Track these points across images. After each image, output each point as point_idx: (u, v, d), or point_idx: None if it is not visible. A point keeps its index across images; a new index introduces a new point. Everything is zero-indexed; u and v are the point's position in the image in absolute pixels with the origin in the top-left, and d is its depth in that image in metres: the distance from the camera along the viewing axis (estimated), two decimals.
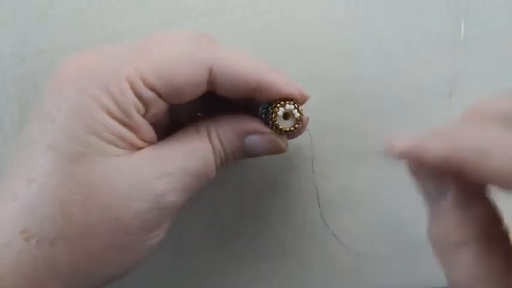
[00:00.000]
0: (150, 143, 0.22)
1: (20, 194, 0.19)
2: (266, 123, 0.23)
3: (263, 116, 0.23)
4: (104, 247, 0.20)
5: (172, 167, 0.21)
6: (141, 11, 0.28)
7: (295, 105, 0.23)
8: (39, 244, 0.19)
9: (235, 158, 0.24)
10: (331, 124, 0.28)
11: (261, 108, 0.24)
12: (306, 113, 0.24)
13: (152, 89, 0.21)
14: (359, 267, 0.29)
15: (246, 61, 0.22)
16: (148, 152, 0.21)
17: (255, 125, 0.23)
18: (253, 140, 0.23)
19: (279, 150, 0.24)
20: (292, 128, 0.23)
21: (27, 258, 0.19)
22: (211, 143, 0.22)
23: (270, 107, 0.23)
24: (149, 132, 0.22)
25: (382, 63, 0.28)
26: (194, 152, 0.22)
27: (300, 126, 0.23)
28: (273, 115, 0.22)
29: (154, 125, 0.22)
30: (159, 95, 0.21)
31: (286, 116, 0.23)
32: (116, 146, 0.21)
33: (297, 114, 0.23)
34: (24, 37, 0.28)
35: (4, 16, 0.28)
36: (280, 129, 0.23)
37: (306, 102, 0.24)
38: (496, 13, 0.28)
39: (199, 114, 0.26)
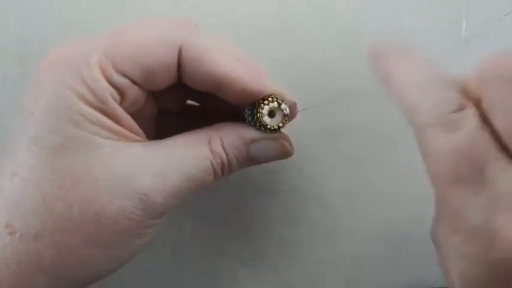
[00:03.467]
0: (136, 134, 0.21)
1: (4, 188, 0.19)
2: (254, 126, 0.23)
3: (250, 118, 0.23)
4: (86, 243, 0.20)
5: (162, 167, 0.21)
6: (141, 11, 0.28)
7: (279, 101, 0.22)
8: (23, 238, 0.19)
9: (240, 166, 0.23)
10: (332, 124, 0.28)
11: (246, 110, 0.23)
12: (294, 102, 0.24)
13: (124, 75, 0.20)
14: (359, 267, 0.29)
15: (219, 51, 0.21)
16: (138, 150, 0.21)
17: (259, 133, 0.23)
18: (260, 147, 0.23)
19: (286, 155, 0.24)
20: (280, 125, 0.23)
21: (11, 252, 0.19)
22: (212, 149, 0.22)
23: (254, 107, 0.22)
24: (130, 121, 0.21)
25: None
26: (189, 156, 0.21)
27: (286, 122, 0.23)
28: (258, 114, 0.22)
29: (139, 116, 0.22)
30: (133, 81, 0.21)
31: (272, 113, 0.22)
32: (99, 135, 0.20)
33: (284, 111, 0.22)
34: (24, 37, 0.28)
35: (6, 16, 0.28)
36: (268, 128, 0.22)
37: (306, 103, 0.24)
38: (497, 13, 0.28)
39: (188, 102, 0.26)
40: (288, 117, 0.23)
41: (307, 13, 0.28)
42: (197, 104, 0.27)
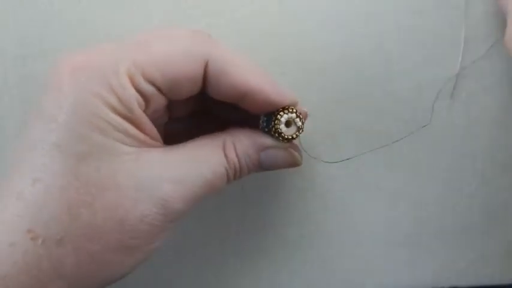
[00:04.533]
0: (155, 140, 0.22)
1: (25, 193, 0.19)
2: (267, 133, 0.24)
3: (264, 124, 0.24)
4: (108, 249, 0.20)
5: (183, 174, 0.21)
6: (142, 11, 0.28)
7: (297, 113, 0.23)
8: (45, 244, 0.19)
9: (249, 172, 0.23)
10: (331, 124, 0.28)
11: (262, 117, 0.24)
12: (306, 112, 0.25)
13: (152, 83, 0.21)
14: (359, 267, 0.29)
15: (241, 64, 0.22)
16: (159, 155, 0.21)
17: (272, 140, 0.23)
18: (271, 154, 0.23)
19: (295, 164, 0.25)
20: (294, 136, 0.23)
21: (33, 258, 0.19)
22: (226, 155, 0.22)
23: (272, 115, 0.23)
24: (151, 128, 0.22)
25: (383, 63, 0.28)
26: (206, 162, 0.22)
27: (301, 133, 0.24)
28: (276, 122, 0.23)
29: (154, 122, 0.22)
30: (159, 90, 0.21)
31: (288, 123, 0.23)
32: (123, 143, 0.20)
33: (299, 123, 0.23)
34: (26, 38, 0.28)
35: (6, 16, 0.28)
36: (283, 137, 0.23)
37: (306, 103, 0.24)
38: (497, 13, 0.28)
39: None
40: (301, 130, 0.24)
41: (307, 13, 0.28)
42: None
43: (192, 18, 0.28)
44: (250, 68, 0.22)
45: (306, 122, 0.25)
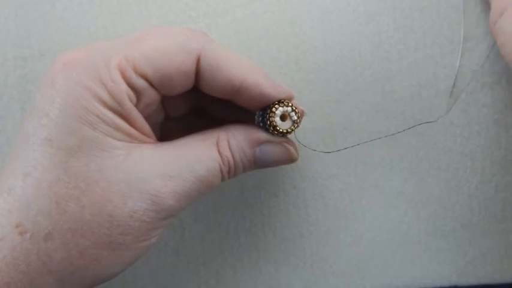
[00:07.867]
0: (147, 136, 0.22)
1: (15, 188, 0.19)
2: (262, 127, 0.23)
3: (260, 119, 0.23)
4: (97, 245, 0.20)
5: (174, 170, 0.21)
6: (142, 12, 0.28)
7: (292, 107, 0.23)
8: (33, 238, 0.19)
9: (245, 169, 0.23)
10: (331, 124, 0.28)
11: (257, 112, 0.24)
12: (303, 110, 0.25)
13: (143, 77, 0.21)
14: (359, 267, 0.29)
15: (235, 59, 0.22)
16: (150, 151, 0.21)
17: (267, 135, 0.23)
18: (266, 149, 0.23)
19: (291, 160, 0.24)
20: (289, 130, 0.23)
21: (21, 253, 0.19)
22: (220, 152, 0.22)
23: (267, 109, 0.23)
24: (143, 124, 0.21)
25: (382, 62, 0.28)
26: (199, 158, 0.22)
27: (296, 127, 0.23)
28: (271, 114, 0.23)
29: (149, 120, 0.22)
30: (151, 84, 0.21)
31: (284, 117, 0.23)
32: (113, 137, 0.20)
33: (295, 117, 0.23)
34: (26, 39, 0.28)
35: (6, 18, 0.28)
36: (278, 130, 0.23)
37: (306, 103, 0.24)
38: None
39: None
40: (297, 124, 0.23)
41: (307, 13, 0.28)
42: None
43: (192, 18, 0.28)
44: (244, 62, 0.22)
45: (306, 122, 0.25)
